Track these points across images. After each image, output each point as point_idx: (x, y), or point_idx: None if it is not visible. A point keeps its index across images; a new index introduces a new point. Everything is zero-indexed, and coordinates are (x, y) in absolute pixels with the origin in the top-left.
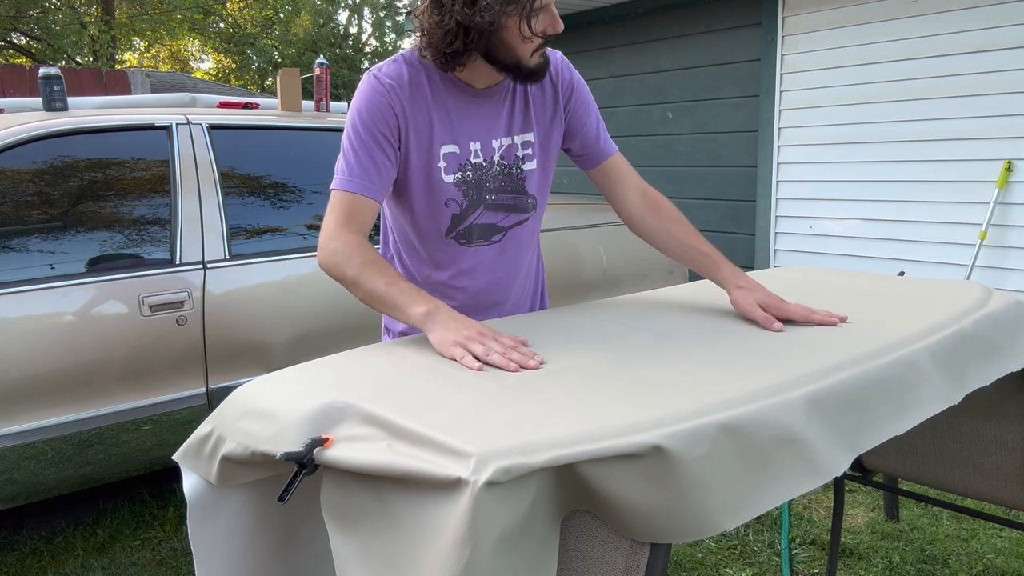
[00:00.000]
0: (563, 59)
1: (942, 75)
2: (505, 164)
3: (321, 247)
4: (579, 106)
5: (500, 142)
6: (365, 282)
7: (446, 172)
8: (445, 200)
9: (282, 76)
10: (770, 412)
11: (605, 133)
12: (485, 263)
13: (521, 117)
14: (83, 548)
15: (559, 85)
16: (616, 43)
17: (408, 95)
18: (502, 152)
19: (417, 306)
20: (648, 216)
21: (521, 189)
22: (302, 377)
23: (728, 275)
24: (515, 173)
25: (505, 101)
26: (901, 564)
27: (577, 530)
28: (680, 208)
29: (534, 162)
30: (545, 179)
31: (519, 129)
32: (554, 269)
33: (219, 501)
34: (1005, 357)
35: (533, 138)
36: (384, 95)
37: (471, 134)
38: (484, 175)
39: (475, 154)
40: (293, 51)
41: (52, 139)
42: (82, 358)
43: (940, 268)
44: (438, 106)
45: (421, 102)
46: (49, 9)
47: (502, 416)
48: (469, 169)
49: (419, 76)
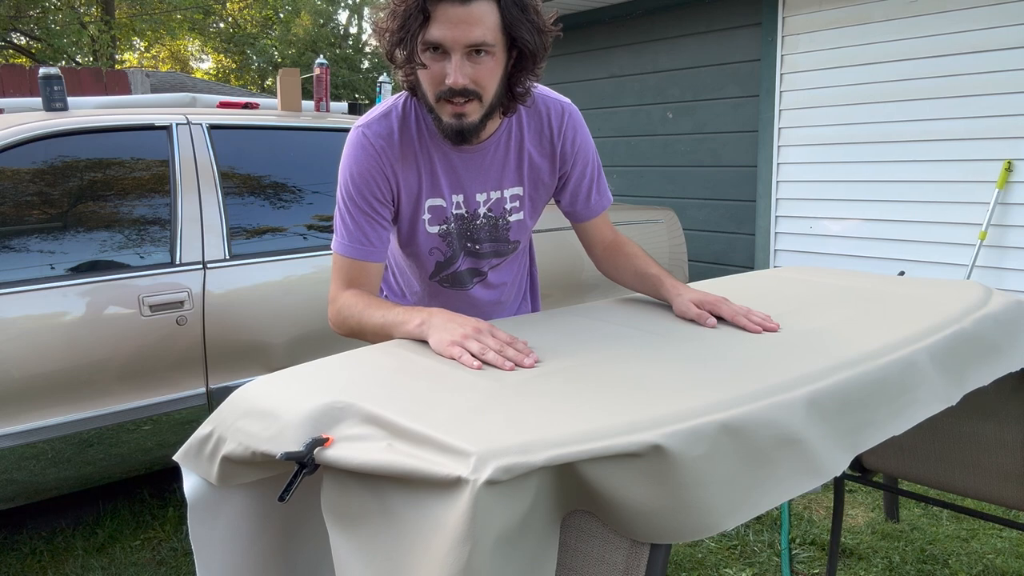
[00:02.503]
0: (570, 114)
1: (942, 75)
2: (492, 216)
3: (329, 312)
4: (576, 168)
5: (487, 195)
6: (367, 323)
7: (430, 224)
8: (429, 249)
9: (282, 76)
10: (770, 412)
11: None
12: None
13: (513, 172)
14: (83, 548)
15: (559, 144)
16: (616, 43)
17: (398, 155)
18: (489, 205)
19: (413, 320)
20: (608, 262)
21: (505, 239)
22: (302, 377)
23: (670, 287)
24: (501, 224)
25: (497, 156)
26: (901, 564)
27: (577, 530)
28: (680, 208)
29: (521, 214)
30: (532, 223)
31: (510, 183)
32: (554, 269)
33: (219, 501)
34: (1005, 357)
35: (523, 192)
36: (375, 159)
37: (454, 187)
38: (467, 226)
39: (457, 206)
40: (293, 51)
41: (52, 139)
42: (82, 358)
43: (940, 268)
44: (425, 160)
45: (410, 159)
46: (49, 9)
47: (502, 415)
48: (452, 221)
49: (408, 129)
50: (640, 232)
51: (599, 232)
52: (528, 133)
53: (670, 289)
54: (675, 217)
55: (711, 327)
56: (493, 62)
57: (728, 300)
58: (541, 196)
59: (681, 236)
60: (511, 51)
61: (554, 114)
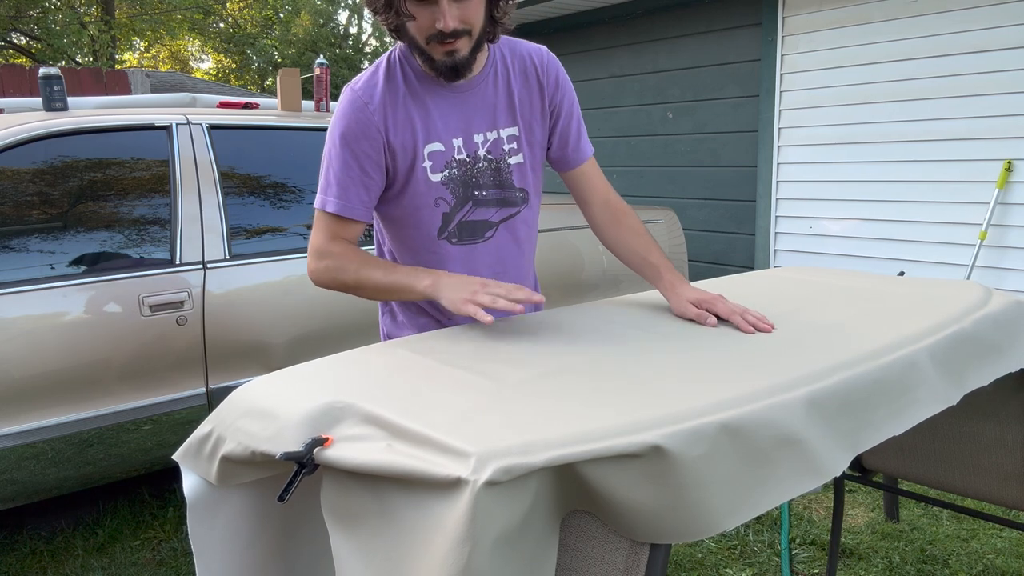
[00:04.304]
0: (550, 54)
1: (942, 75)
2: (492, 159)
3: (312, 267)
4: (564, 104)
5: (484, 136)
6: (366, 281)
7: (432, 171)
8: (435, 200)
9: (282, 76)
10: (770, 412)
11: (584, 136)
12: (477, 259)
13: (505, 111)
14: (83, 548)
15: (545, 80)
16: (616, 43)
17: (389, 106)
18: (488, 147)
19: (421, 280)
20: (610, 228)
21: (509, 183)
22: (302, 377)
23: (667, 283)
24: (503, 167)
25: (487, 94)
26: (901, 564)
27: (577, 530)
28: (680, 208)
29: (521, 156)
30: (535, 175)
31: (504, 123)
32: (554, 269)
33: (219, 501)
34: (1005, 357)
35: (518, 132)
36: (364, 113)
37: (452, 130)
38: (470, 171)
39: (458, 150)
40: (293, 51)
41: (52, 139)
42: (82, 358)
43: (940, 268)
44: (418, 106)
45: (400, 109)
46: (49, 9)
47: (502, 416)
48: (455, 166)
49: (396, 80)
50: None
51: (593, 184)
52: (514, 72)
53: (668, 285)
54: (675, 217)
55: (712, 327)
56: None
57: (724, 298)
58: (537, 140)
59: (681, 236)
60: None
61: (535, 53)
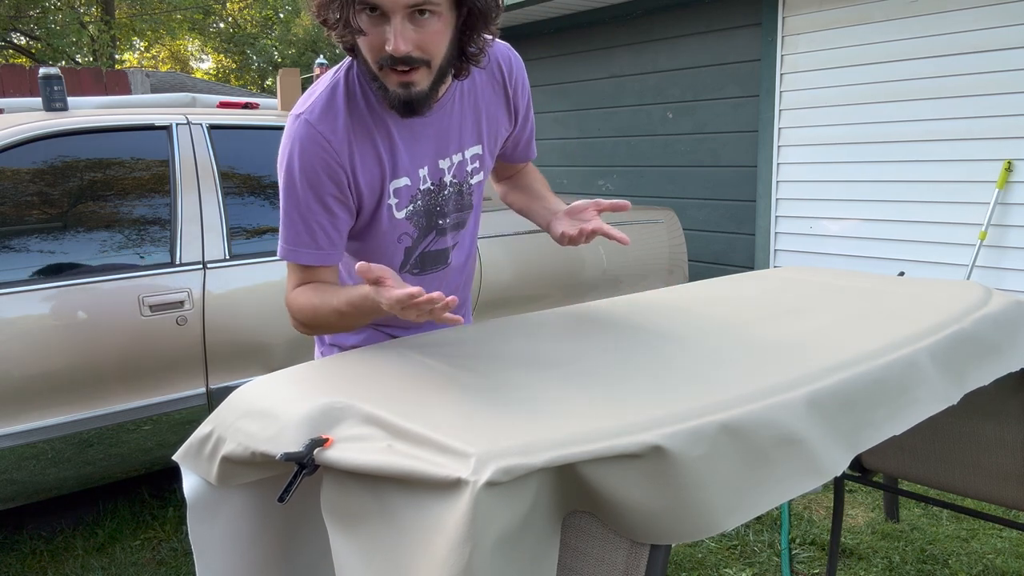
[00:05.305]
0: (517, 58)
1: (942, 75)
2: (456, 182)
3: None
4: (523, 110)
5: (450, 160)
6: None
7: (398, 208)
8: (399, 236)
9: (282, 76)
10: (770, 412)
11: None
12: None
13: (471, 129)
14: (83, 548)
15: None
16: (616, 43)
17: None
18: (453, 172)
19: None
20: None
21: (468, 204)
22: (302, 377)
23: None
24: (465, 190)
25: (454, 114)
26: (901, 564)
27: (577, 530)
28: (680, 208)
29: (482, 174)
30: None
31: (469, 143)
32: (554, 269)
33: (219, 501)
34: (1005, 357)
35: (481, 150)
36: (326, 152)
37: (419, 160)
38: (435, 199)
39: (423, 180)
40: (293, 51)
41: (52, 139)
42: (82, 358)
43: (940, 268)
44: (383, 137)
45: (366, 140)
46: (49, 9)
47: (502, 416)
48: (419, 198)
49: (358, 107)
50: (640, 232)
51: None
52: (482, 85)
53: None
54: (675, 217)
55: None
56: (440, 23)
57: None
58: (496, 148)
59: (681, 236)
60: (460, 8)
61: (502, 59)
